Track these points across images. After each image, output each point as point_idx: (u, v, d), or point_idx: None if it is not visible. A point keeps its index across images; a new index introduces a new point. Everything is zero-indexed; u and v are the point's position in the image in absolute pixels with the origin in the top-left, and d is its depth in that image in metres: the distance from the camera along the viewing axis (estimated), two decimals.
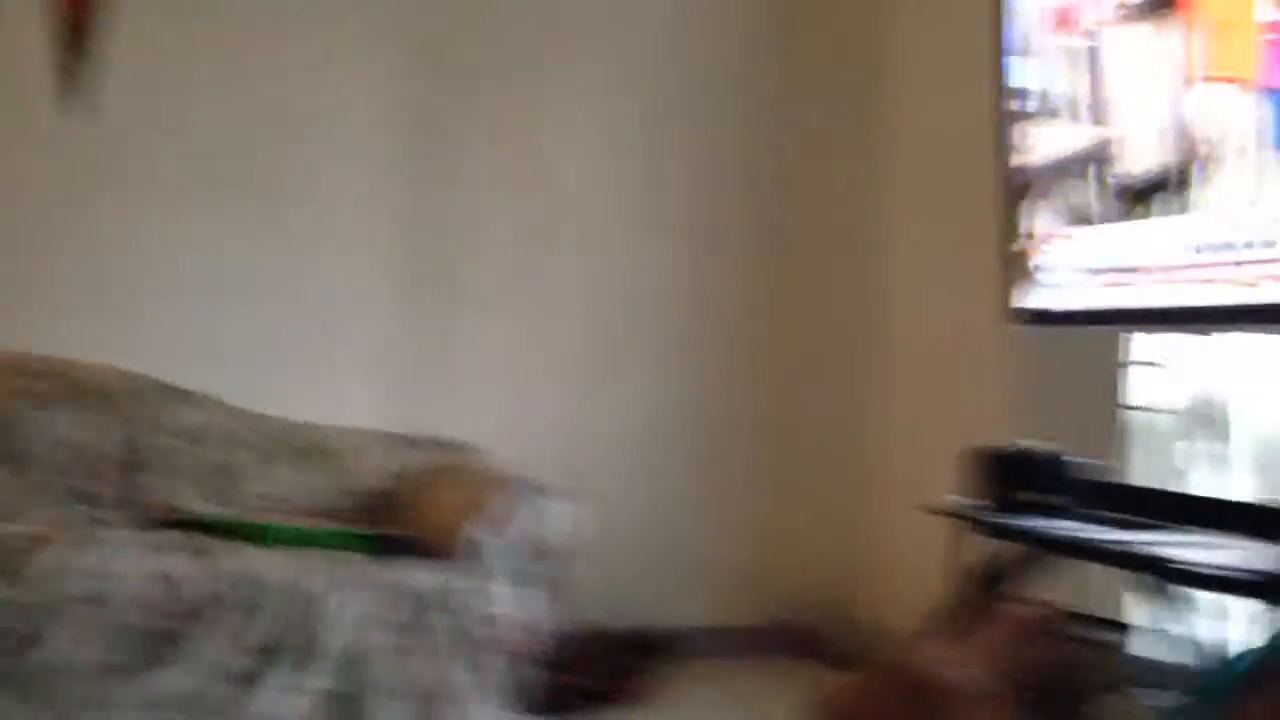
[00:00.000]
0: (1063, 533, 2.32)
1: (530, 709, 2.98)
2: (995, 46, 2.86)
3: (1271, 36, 2.15)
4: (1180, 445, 2.75)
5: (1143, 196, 2.47)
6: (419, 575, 2.80)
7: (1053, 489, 2.48)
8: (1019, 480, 2.50)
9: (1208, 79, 2.32)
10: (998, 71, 2.86)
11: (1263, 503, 2.45)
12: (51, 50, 3.40)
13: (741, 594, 4.06)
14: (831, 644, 3.95)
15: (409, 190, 3.79)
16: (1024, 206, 2.81)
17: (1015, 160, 2.84)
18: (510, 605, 2.87)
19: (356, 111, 3.73)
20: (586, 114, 3.93)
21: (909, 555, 3.47)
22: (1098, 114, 2.60)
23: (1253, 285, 2.17)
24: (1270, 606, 2.09)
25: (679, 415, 4.01)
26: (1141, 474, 2.82)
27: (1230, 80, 2.26)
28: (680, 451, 4.01)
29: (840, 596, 4.06)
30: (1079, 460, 2.49)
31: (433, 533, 2.93)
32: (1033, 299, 2.79)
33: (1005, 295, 2.85)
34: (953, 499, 2.55)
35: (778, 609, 4.08)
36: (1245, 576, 1.90)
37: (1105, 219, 2.58)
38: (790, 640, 4.02)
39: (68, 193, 3.47)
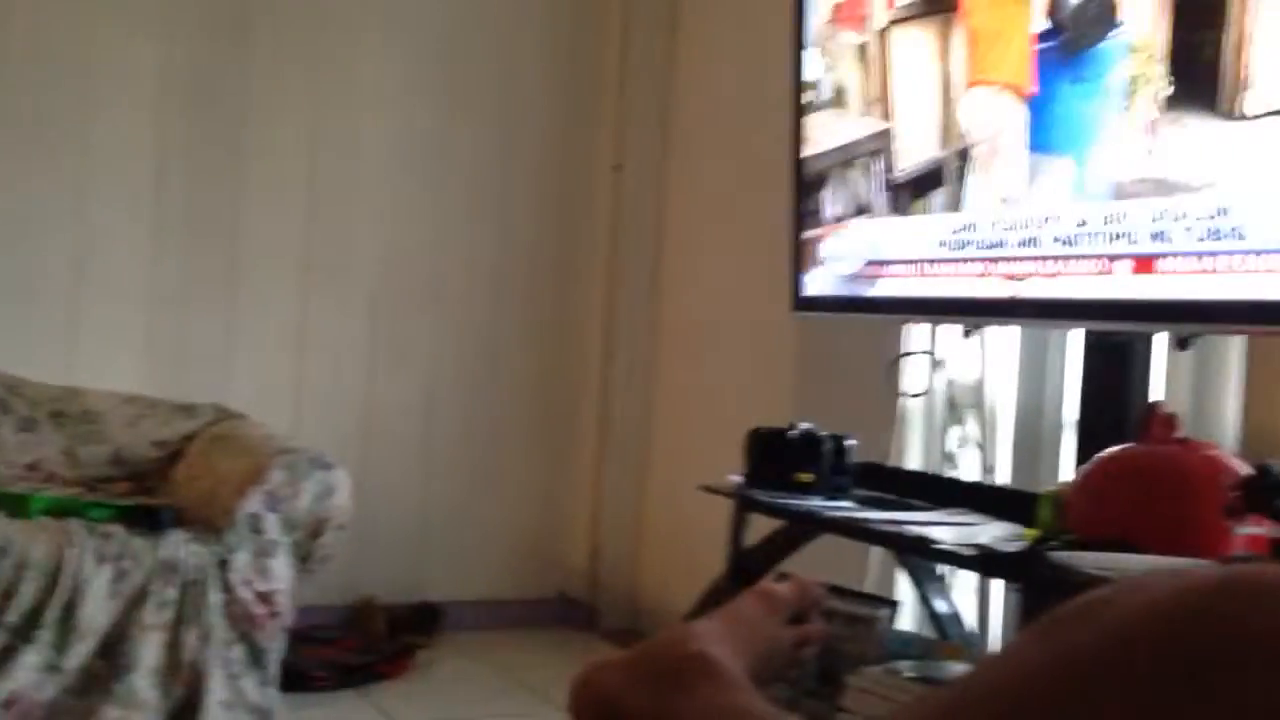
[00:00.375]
0: (834, 512, 2.41)
1: (299, 685, 2.92)
2: (794, 38, 2.93)
3: (1037, 46, 2.28)
4: (949, 430, 2.89)
5: (917, 191, 2.58)
6: (188, 548, 2.70)
7: (829, 470, 2.57)
8: (796, 461, 2.58)
9: (977, 82, 2.44)
10: (793, 63, 2.94)
11: (1016, 486, 2.61)
12: None
13: (522, 568, 4.08)
14: (609, 619, 4.01)
15: (192, 148, 3.64)
16: (811, 197, 2.90)
17: (805, 151, 2.92)
18: (281, 580, 2.79)
19: (139, 61, 3.56)
20: (382, 83, 3.87)
21: (690, 533, 3.55)
22: (879, 109, 2.70)
23: (1018, 279, 2.30)
24: (1013, 580, 2.23)
25: (463, 389, 3.99)
26: (915, 457, 2.95)
27: (997, 84, 2.38)
28: (462, 426, 3.99)
29: (621, 573, 4.12)
30: (856, 443, 2.59)
31: (204, 504, 2.83)
32: (816, 287, 2.88)
33: (791, 282, 2.93)
34: (731, 478, 2.61)
35: (557, 583, 4.11)
36: (994, 554, 2.01)
37: (883, 211, 2.68)
38: (568, 614, 4.06)
39: None
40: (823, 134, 2.88)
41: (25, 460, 3.08)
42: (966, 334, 2.67)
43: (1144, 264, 2.05)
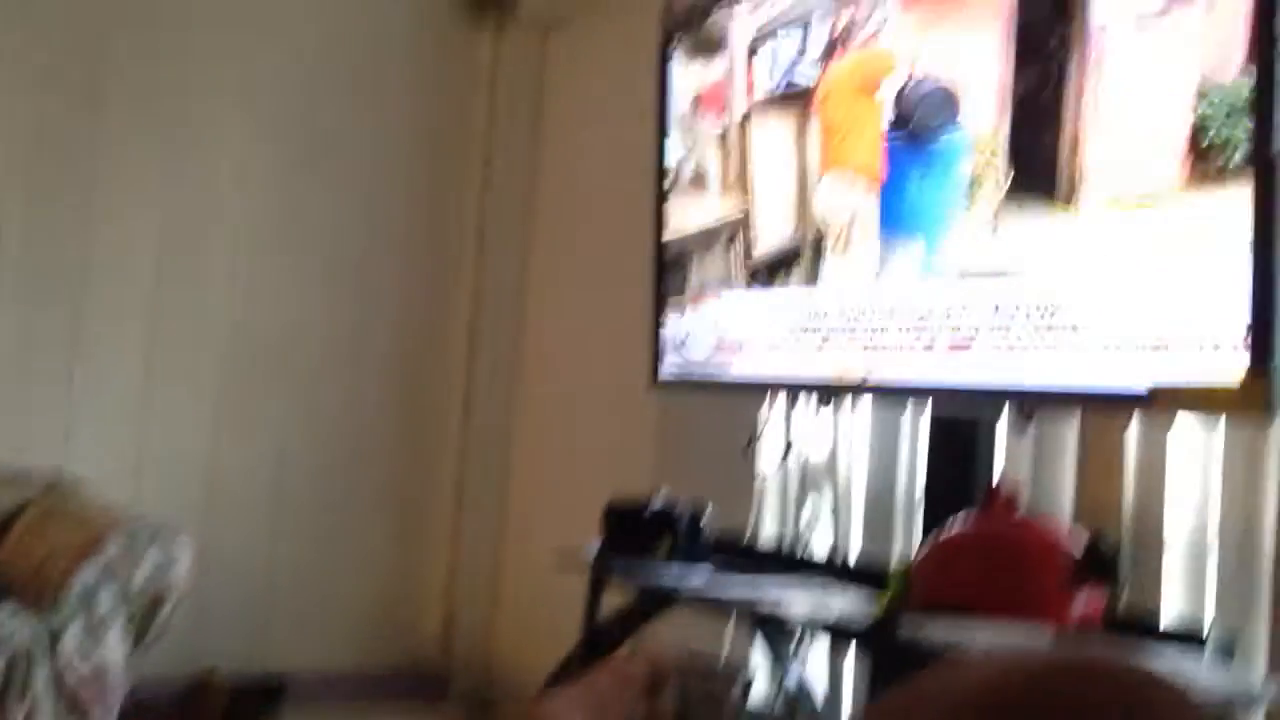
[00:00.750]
0: (688, 584, 2.43)
1: None
2: (655, 124, 3.01)
3: (887, 137, 2.40)
4: (802, 505, 2.95)
5: (773, 272, 2.66)
6: (14, 623, 2.57)
7: (683, 542, 2.60)
8: (651, 532, 2.60)
9: (830, 169, 2.55)
10: (655, 148, 3.01)
11: (864, 556, 2.68)
12: None
13: (373, 638, 3.99)
14: (463, 689, 3.94)
15: (31, 204, 3.50)
16: (671, 276, 2.96)
17: (666, 233, 2.99)
18: (115, 655, 2.67)
19: None
20: (242, 146, 3.80)
21: (547, 602, 3.53)
22: (737, 192, 2.79)
23: (869, 360, 2.39)
24: (863, 651, 2.28)
25: (314, 456, 3.90)
26: (769, 531, 3.01)
27: (851, 171, 2.49)
28: (313, 493, 3.90)
29: (476, 642, 4.06)
30: (710, 515, 2.62)
31: (35, 577, 2.70)
32: (674, 364, 2.93)
33: (650, 360, 2.98)
34: (588, 550, 2.61)
35: (411, 653, 4.03)
36: (845, 625, 2.06)
37: (740, 292, 2.76)
38: (421, 686, 3.98)
39: None
40: (683, 217, 2.95)
41: None
42: (820, 411, 2.75)
43: (985, 348, 2.16)
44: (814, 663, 2.75)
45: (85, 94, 3.56)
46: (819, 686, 2.73)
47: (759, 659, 2.77)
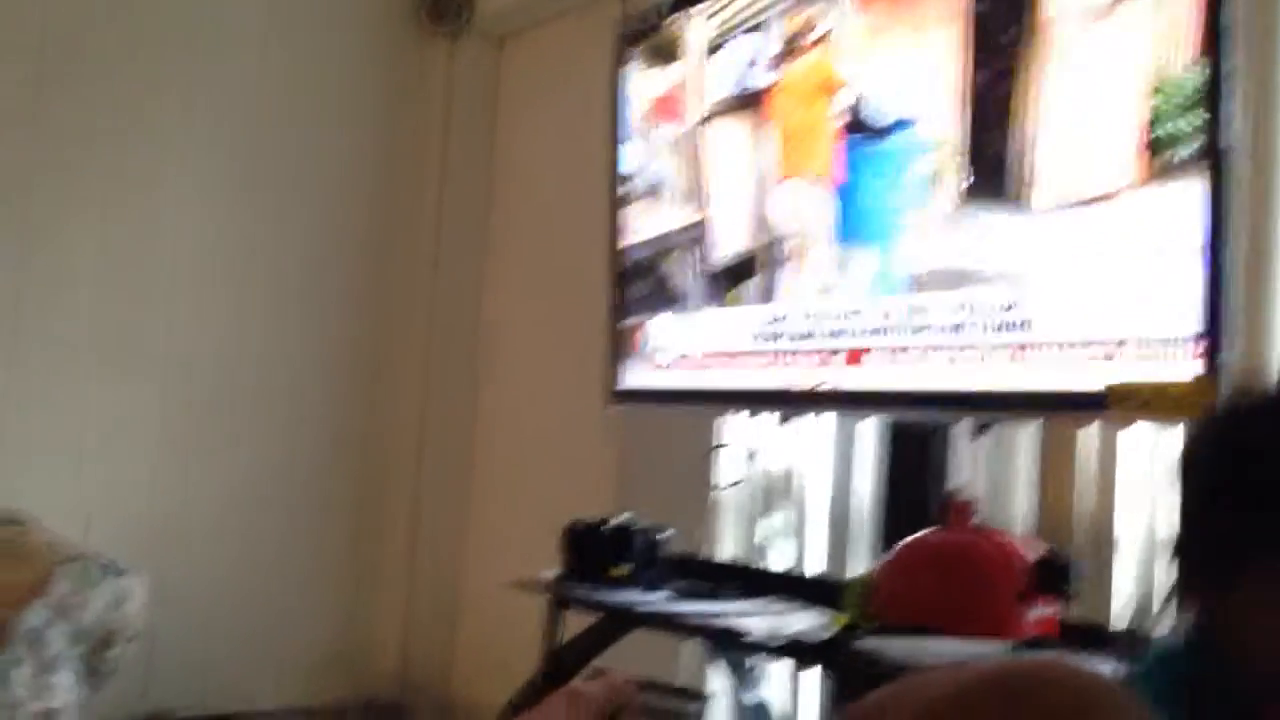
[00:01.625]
0: (648, 606, 2.36)
1: None
2: (610, 132, 2.96)
3: (839, 142, 2.34)
4: (761, 520, 2.89)
5: (730, 281, 2.60)
6: None
7: (642, 563, 2.53)
8: (609, 554, 2.54)
9: (787, 175, 2.49)
10: (611, 156, 2.96)
11: (828, 573, 2.61)
12: None
13: (328, 672, 3.89)
14: None
15: None
16: (628, 288, 2.90)
17: (622, 243, 2.93)
18: (64, 697, 2.60)
19: None
20: (184, 175, 3.69)
21: (505, 630, 3.45)
22: (694, 200, 2.73)
23: (826, 369, 2.32)
24: (825, 670, 2.21)
25: (265, 487, 3.80)
26: (727, 547, 2.94)
27: (808, 177, 2.43)
28: (263, 524, 3.79)
29: (434, 673, 3.97)
30: (669, 535, 2.56)
31: None
32: (632, 379, 2.87)
33: (609, 375, 2.91)
34: (544, 574, 2.55)
35: (368, 687, 3.94)
36: (802, 643, 2.00)
37: (697, 302, 2.70)
38: (380, 718, 3.89)
39: None
40: (641, 225, 2.89)
41: None
42: (781, 423, 2.69)
43: (942, 353, 2.10)
44: (775, 681, 2.67)
45: (23, 118, 3.47)
46: (779, 705, 2.66)
47: (719, 679, 2.69)
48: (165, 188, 3.66)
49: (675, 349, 2.74)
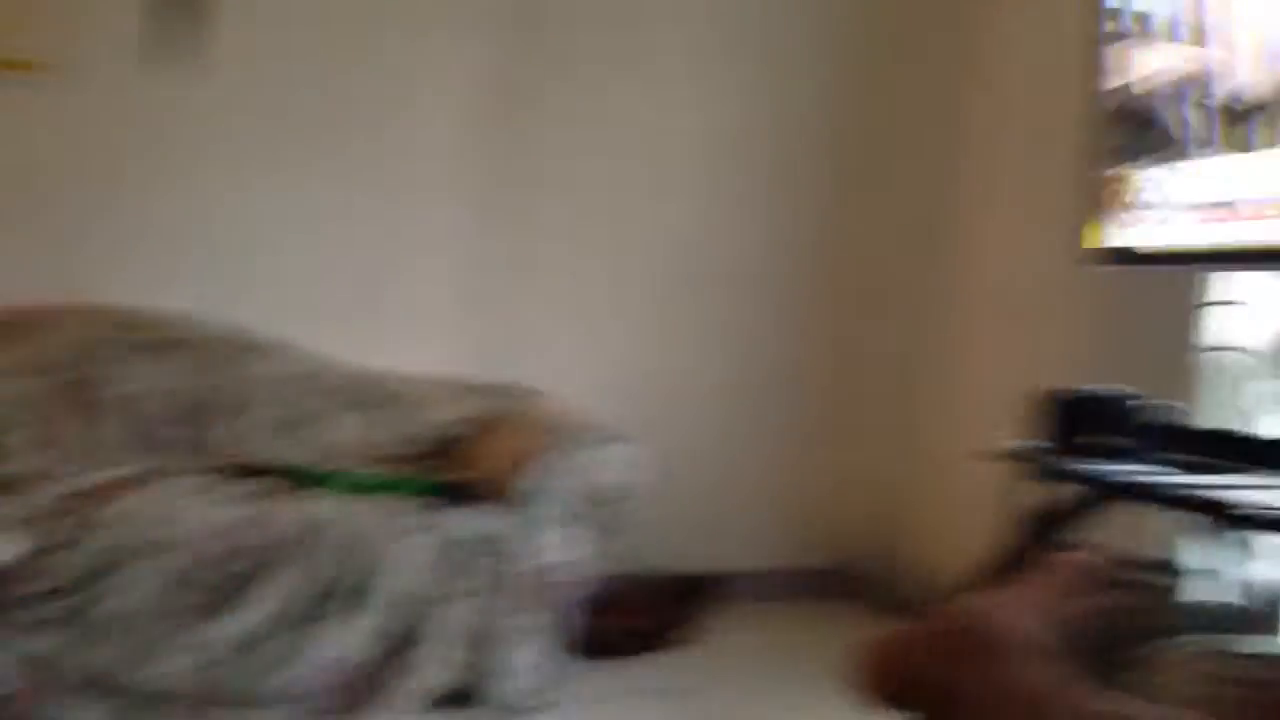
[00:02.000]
0: (1122, 476, 2.27)
1: (579, 652, 3.01)
2: None
3: None
4: (1252, 386, 2.67)
5: (1242, 123, 2.33)
6: (471, 521, 2.83)
7: (1116, 431, 2.42)
8: (1082, 423, 2.44)
9: None
10: None
11: None
12: (158, 10, 3.37)
13: (794, 538, 4.06)
14: (880, 589, 3.94)
15: (489, 140, 3.76)
16: (1113, 137, 2.68)
17: (1107, 87, 2.69)
18: (559, 551, 2.88)
19: (447, 62, 3.70)
20: (669, 61, 3.87)
21: (965, 500, 3.44)
22: (1198, 36, 2.47)
23: None
24: None
25: (741, 359, 4.00)
26: (1212, 416, 2.74)
27: None
28: (739, 395, 4.00)
29: (893, 541, 4.04)
30: (1145, 402, 2.42)
31: (489, 479, 2.96)
32: (1117, 237, 2.68)
33: (1087, 233, 2.74)
34: (1011, 442, 2.50)
35: (830, 553, 4.08)
36: None
37: (1201, 151, 2.45)
38: (840, 585, 4.02)
39: (168, 146, 3.45)
40: (1131, 66, 2.62)
41: (329, 438, 3.30)
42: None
43: None
44: (1264, 560, 2.50)
45: (532, 33, 3.73)
46: (1266, 583, 2.49)
47: (1196, 554, 2.56)
48: (651, 73, 3.85)
49: (1173, 202, 2.52)
